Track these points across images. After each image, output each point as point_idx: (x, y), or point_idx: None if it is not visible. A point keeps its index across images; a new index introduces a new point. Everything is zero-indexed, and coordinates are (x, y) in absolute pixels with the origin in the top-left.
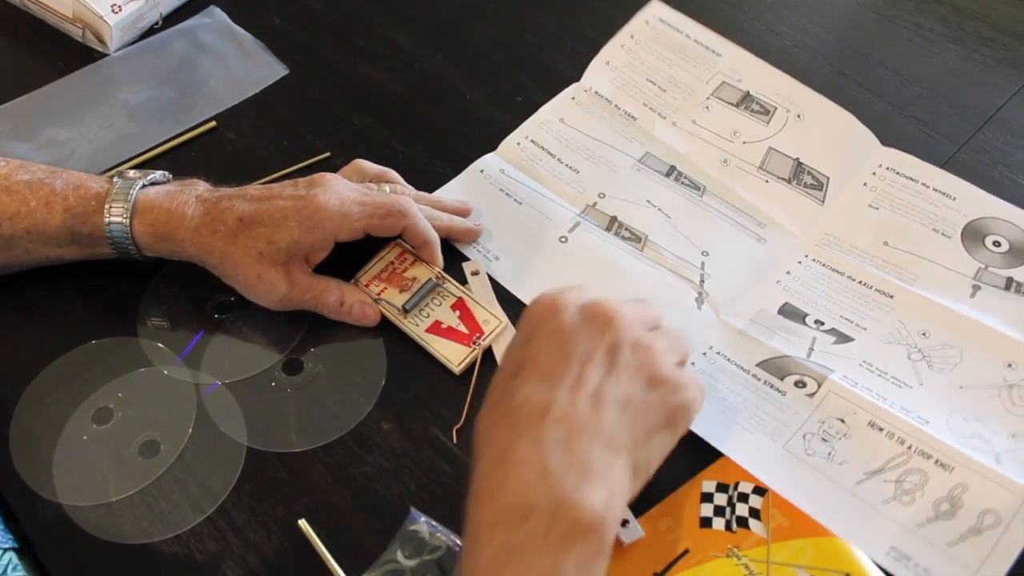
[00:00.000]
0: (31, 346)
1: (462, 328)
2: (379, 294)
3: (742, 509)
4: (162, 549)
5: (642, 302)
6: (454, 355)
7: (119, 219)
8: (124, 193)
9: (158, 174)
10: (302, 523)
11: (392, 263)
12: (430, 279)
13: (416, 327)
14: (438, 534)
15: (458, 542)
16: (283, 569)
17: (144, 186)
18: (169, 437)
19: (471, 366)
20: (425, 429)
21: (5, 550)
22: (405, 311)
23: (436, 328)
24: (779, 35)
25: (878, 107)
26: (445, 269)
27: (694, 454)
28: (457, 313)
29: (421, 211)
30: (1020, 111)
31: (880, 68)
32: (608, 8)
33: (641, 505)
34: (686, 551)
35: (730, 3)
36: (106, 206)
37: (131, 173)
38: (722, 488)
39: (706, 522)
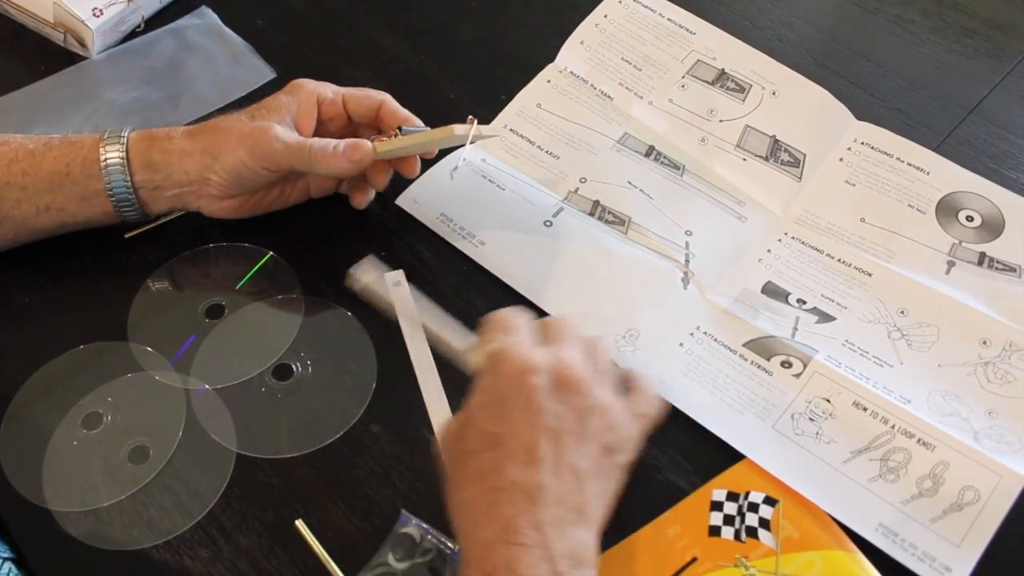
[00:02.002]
0: (18, 353)
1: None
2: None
3: (752, 519)
4: (152, 556)
5: (567, 327)
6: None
7: (114, 138)
8: (117, 132)
9: None
10: (299, 524)
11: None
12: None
13: (412, 137)
14: (429, 536)
15: (449, 544)
16: (274, 573)
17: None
18: (158, 443)
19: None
20: (414, 431)
21: (4, 559)
22: (400, 130)
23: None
24: (761, 29)
25: (861, 99)
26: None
27: (704, 462)
28: None
29: None
30: (1003, 102)
31: (862, 60)
32: (589, 5)
33: (650, 512)
34: (694, 559)
35: None
36: (103, 136)
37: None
38: (732, 497)
39: (715, 531)
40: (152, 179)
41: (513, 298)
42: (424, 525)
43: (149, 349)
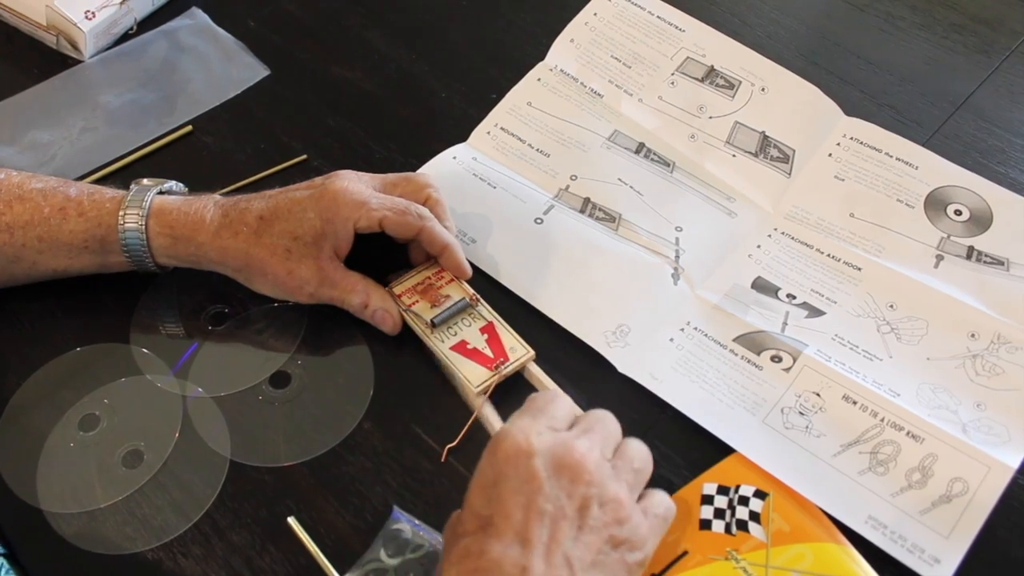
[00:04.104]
0: (18, 353)
1: (487, 351)
2: (410, 305)
3: (742, 512)
4: (146, 556)
5: (602, 420)
6: (475, 376)
7: (134, 222)
8: (139, 198)
9: (173, 184)
10: (291, 520)
11: (429, 277)
12: (463, 298)
13: (441, 343)
14: (421, 533)
15: (441, 540)
16: (267, 570)
17: (160, 192)
18: (153, 447)
19: (488, 390)
20: (406, 428)
21: None
22: (433, 325)
23: (461, 347)
24: (751, 26)
25: (851, 95)
26: (476, 288)
27: (695, 456)
28: (485, 336)
29: None
30: (991, 97)
31: (852, 57)
32: (579, 3)
33: None
34: (685, 553)
35: None
36: (121, 210)
37: (146, 181)
38: (723, 491)
39: (706, 524)
40: (178, 262)
41: (504, 295)
42: (416, 521)
43: (146, 351)
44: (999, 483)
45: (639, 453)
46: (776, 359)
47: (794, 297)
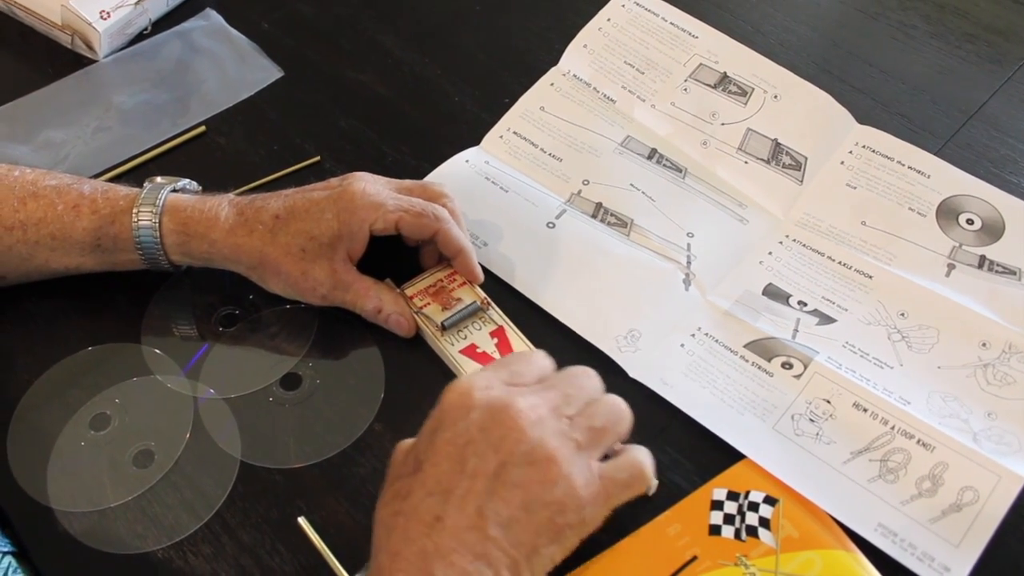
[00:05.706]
0: (30, 352)
1: (496, 356)
2: (421, 307)
3: (752, 518)
4: (156, 555)
5: (569, 378)
6: None
7: (148, 219)
8: (153, 195)
9: (186, 182)
10: (301, 520)
11: (441, 280)
12: (474, 302)
13: (451, 346)
14: None
15: None
16: (277, 570)
17: (174, 191)
18: (164, 447)
19: None
20: (417, 429)
21: (4, 554)
22: (443, 328)
23: (470, 351)
24: (764, 34)
25: (863, 104)
26: (488, 291)
27: (705, 461)
28: (495, 341)
29: None
30: (1003, 106)
31: (864, 65)
32: (593, 8)
33: (651, 510)
34: (694, 558)
35: (715, 1)
36: (135, 208)
37: (159, 179)
38: (732, 496)
39: (715, 530)
40: (191, 260)
41: (515, 299)
42: None
43: (158, 352)
44: (1010, 492)
45: (604, 412)
46: (787, 366)
47: (805, 304)
